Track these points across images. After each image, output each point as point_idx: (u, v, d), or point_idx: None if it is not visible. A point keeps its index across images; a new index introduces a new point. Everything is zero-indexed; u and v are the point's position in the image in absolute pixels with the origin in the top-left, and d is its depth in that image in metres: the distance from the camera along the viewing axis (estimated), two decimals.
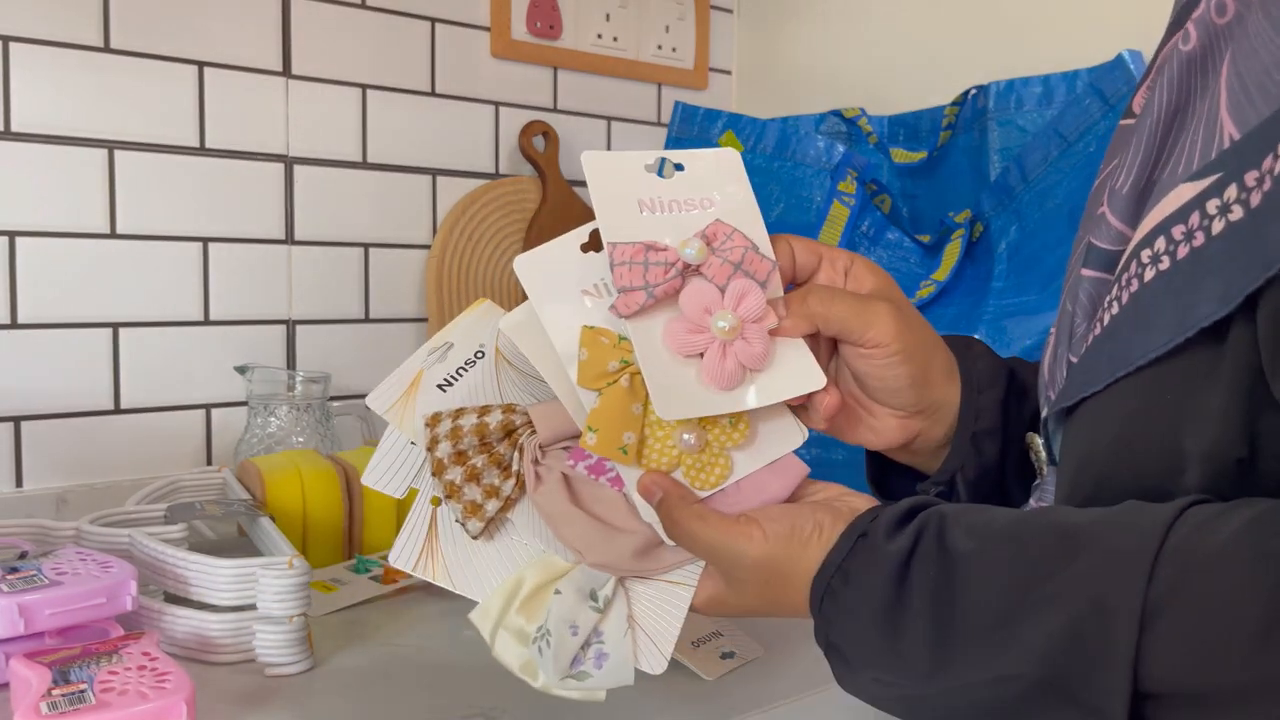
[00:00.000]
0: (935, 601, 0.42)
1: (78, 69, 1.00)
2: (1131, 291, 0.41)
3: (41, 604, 0.60)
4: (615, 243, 0.49)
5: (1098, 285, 0.46)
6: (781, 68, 1.48)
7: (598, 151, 0.52)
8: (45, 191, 0.99)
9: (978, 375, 0.58)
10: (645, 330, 0.49)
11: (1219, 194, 0.37)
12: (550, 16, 1.32)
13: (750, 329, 0.49)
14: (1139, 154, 0.44)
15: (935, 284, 1.02)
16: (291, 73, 1.13)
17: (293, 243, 1.14)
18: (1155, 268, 0.40)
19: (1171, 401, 0.39)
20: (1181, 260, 0.38)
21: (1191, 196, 0.38)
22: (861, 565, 0.46)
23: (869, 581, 0.45)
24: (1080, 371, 0.45)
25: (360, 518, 0.89)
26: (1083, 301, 0.47)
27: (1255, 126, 0.36)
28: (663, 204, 0.51)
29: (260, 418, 1.03)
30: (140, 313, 1.05)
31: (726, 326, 0.48)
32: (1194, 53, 0.42)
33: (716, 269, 0.49)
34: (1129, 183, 0.44)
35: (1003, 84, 1.04)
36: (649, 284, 0.48)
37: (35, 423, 1.00)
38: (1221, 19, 0.41)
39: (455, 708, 0.60)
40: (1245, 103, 0.37)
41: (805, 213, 1.12)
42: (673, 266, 0.49)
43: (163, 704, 0.52)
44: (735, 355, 0.49)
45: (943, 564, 0.43)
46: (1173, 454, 0.40)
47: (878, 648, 0.45)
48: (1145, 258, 0.40)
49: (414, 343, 1.24)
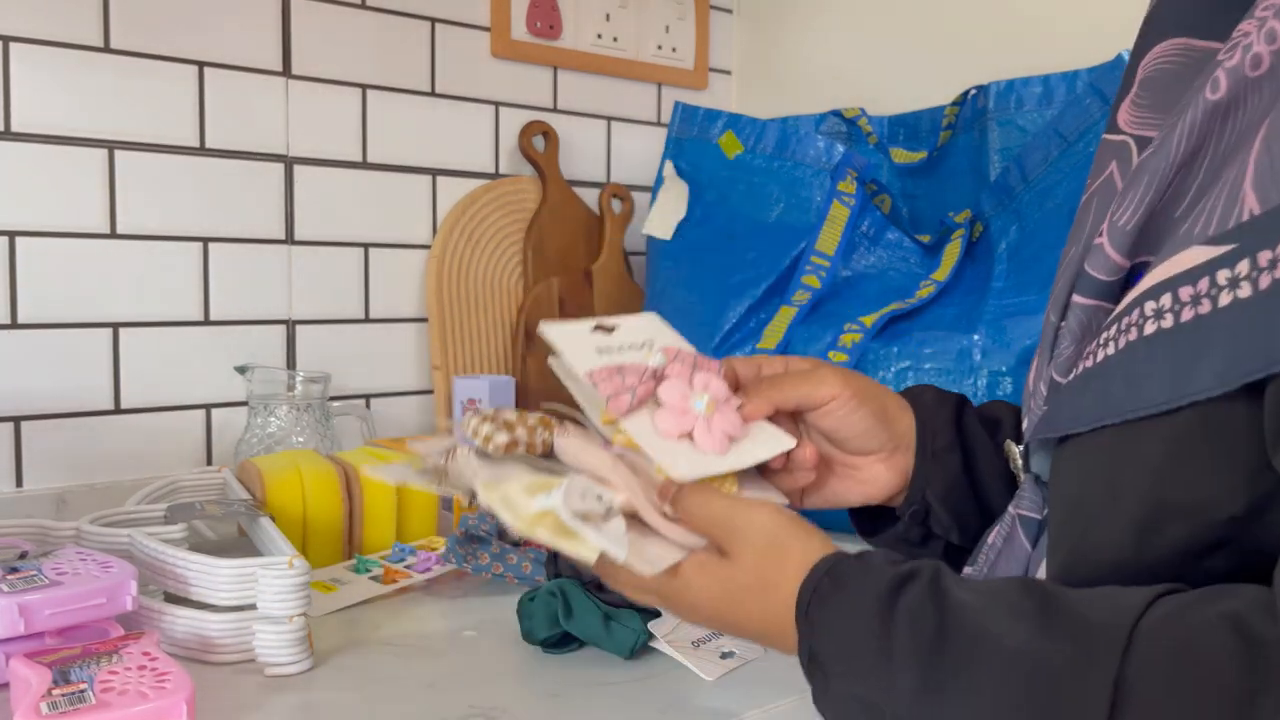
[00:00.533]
0: (927, 630, 0.43)
1: (78, 69, 1.00)
2: (1130, 339, 0.42)
3: (41, 604, 0.60)
4: (592, 370, 0.57)
5: (1091, 313, 0.46)
6: (781, 68, 1.48)
7: (551, 322, 0.60)
8: (45, 191, 0.99)
9: (925, 402, 0.64)
10: (637, 422, 0.56)
11: (1231, 265, 0.38)
12: (550, 16, 1.32)
13: (722, 407, 0.57)
14: (1148, 193, 0.44)
15: (935, 284, 1.02)
16: (292, 73, 1.13)
17: (293, 243, 1.14)
18: (1158, 323, 0.40)
19: (1159, 455, 0.40)
20: (1185, 323, 0.39)
21: (1203, 261, 0.39)
22: (855, 573, 0.47)
23: (861, 591, 0.46)
24: (1067, 403, 0.46)
25: (360, 518, 0.89)
26: (1073, 327, 0.47)
27: (1276, 207, 0.37)
28: (614, 352, 0.59)
29: (260, 418, 1.03)
30: (140, 313, 1.05)
31: (704, 404, 0.57)
32: (1222, 102, 0.42)
33: (679, 370, 0.58)
34: (1134, 220, 0.44)
35: (1003, 84, 1.05)
36: (630, 388, 0.56)
37: (35, 423, 1.00)
38: (1255, 72, 0.41)
39: (455, 708, 0.60)
40: (1270, 180, 0.37)
41: (805, 213, 1.12)
42: (644, 374, 0.57)
43: (163, 704, 0.52)
44: (718, 427, 0.56)
45: (937, 602, 0.43)
46: (1158, 505, 0.41)
47: (864, 659, 0.44)
48: (1149, 310, 0.41)
49: (414, 343, 1.24)
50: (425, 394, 1.26)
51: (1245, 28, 0.43)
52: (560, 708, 0.61)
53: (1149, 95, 0.50)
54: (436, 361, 1.22)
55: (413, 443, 0.60)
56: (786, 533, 0.50)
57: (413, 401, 1.25)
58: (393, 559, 0.86)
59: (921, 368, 0.97)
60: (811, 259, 1.08)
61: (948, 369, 0.96)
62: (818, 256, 1.08)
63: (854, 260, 1.10)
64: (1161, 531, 0.41)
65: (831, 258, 1.08)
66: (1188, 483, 0.40)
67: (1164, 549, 0.41)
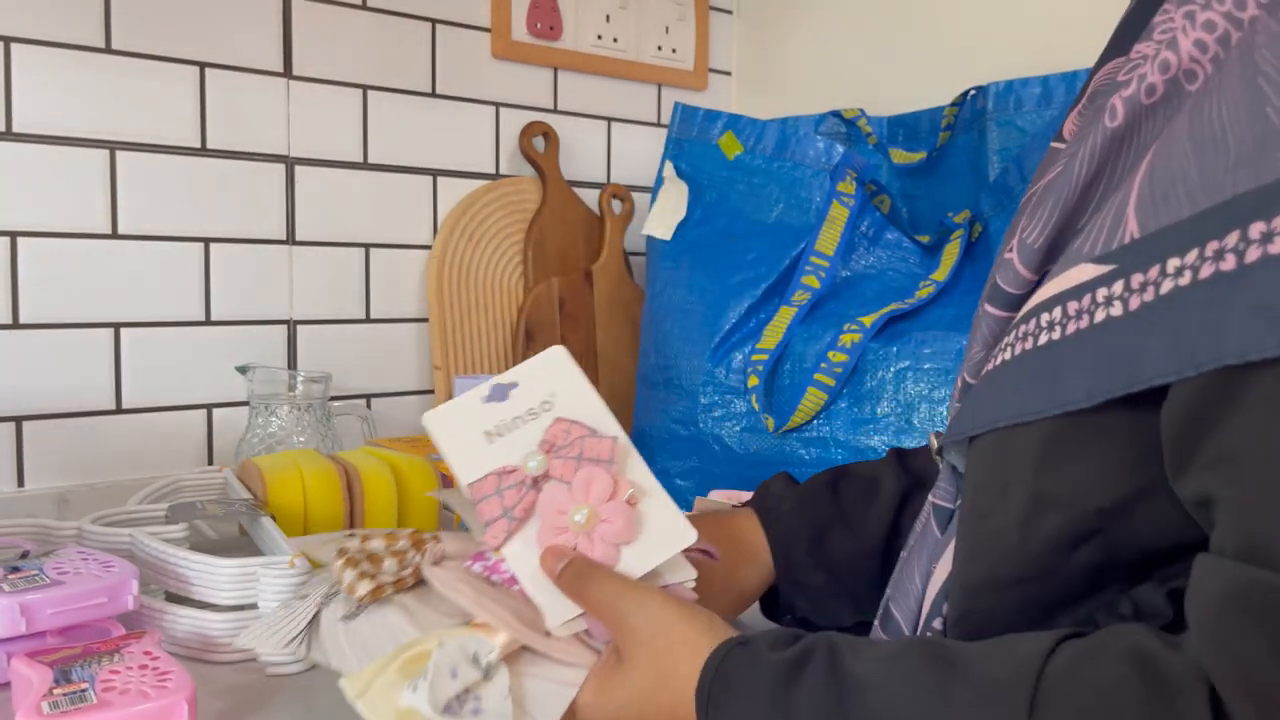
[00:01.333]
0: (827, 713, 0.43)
1: (79, 69, 1.00)
2: (1025, 348, 0.44)
3: (43, 603, 0.60)
4: (471, 483, 0.54)
5: (1000, 322, 0.49)
6: (781, 68, 1.48)
7: (434, 410, 0.57)
8: (47, 192, 0.99)
9: (780, 517, 0.69)
10: (517, 555, 0.54)
11: (1109, 285, 0.40)
12: (550, 17, 1.32)
13: (605, 509, 0.53)
14: (1054, 214, 0.46)
15: (934, 284, 1.02)
16: (293, 73, 1.13)
17: (294, 243, 1.15)
18: (1049, 335, 0.43)
19: (1038, 451, 0.43)
20: (1069, 336, 0.41)
21: (1088, 278, 0.41)
22: (744, 669, 0.47)
23: (752, 692, 0.46)
24: (969, 406, 0.49)
25: (361, 517, 0.89)
26: (985, 334, 0.50)
27: (1151, 234, 0.38)
28: (507, 425, 0.56)
29: (261, 417, 1.03)
30: (142, 313, 1.05)
31: (583, 519, 0.52)
32: (1120, 129, 0.44)
33: (562, 468, 0.54)
34: (1041, 239, 0.46)
35: (1002, 85, 1.05)
36: (507, 509, 0.53)
37: (37, 422, 1.00)
38: (1150, 99, 0.43)
39: None
40: (1150, 207, 0.39)
41: (804, 213, 1.13)
42: (523, 484, 0.54)
43: (164, 703, 0.52)
44: (601, 538, 0.52)
45: (834, 685, 0.44)
46: (1036, 496, 0.43)
47: None
48: (1044, 321, 0.43)
49: (415, 343, 1.25)
50: (426, 394, 1.26)
51: (1143, 49, 0.44)
52: None
53: (1092, 109, 0.52)
54: (437, 361, 1.22)
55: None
56: (672, 618, 0.50)
57: (413, 401, 1.25)
58: None
59: (920, 368, 0.97)
60: (811, 259, 1.08)
61: (947, 369, 0.96)
62: (817, 257, 1.08)
63: (853, 260, 1.10)
64: (1040, 520, 0.43)
65: (831, 258, 1.08)
66: (1061, 476, 0.42)
67: (1042, 537, 0.43)
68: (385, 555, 0.56)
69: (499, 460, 0.55)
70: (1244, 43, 0.38)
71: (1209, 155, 0.37)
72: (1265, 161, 0.34)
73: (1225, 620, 0.34)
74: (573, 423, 0.55)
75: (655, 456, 1.12)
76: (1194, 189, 0.37)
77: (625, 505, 0.53)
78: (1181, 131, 0.39)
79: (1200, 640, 0.35)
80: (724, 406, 1.07)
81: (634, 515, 0.54)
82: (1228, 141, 0.36)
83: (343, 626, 0.55)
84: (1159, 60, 0.42)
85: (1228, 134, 0.36)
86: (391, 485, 0.90)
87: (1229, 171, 0.36)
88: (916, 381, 0.97)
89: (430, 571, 0.55)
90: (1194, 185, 0.37)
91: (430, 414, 0.56)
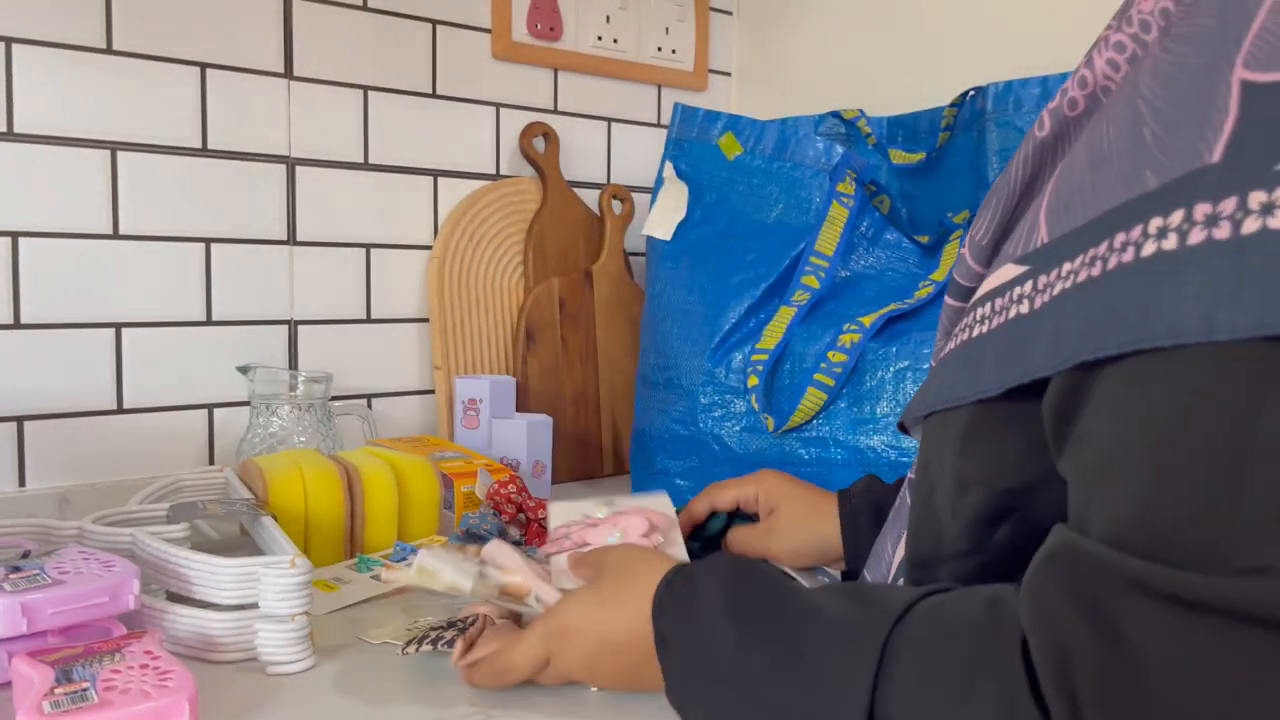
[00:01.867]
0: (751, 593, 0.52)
1: (80, 70, 1.00)
2: (964, 339, 0.48)
3: (44, 603, 0.60)
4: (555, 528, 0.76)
5: (955, 313, 0.52)
6: (780, 69, 1.48)
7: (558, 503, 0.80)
8: (48, 192, 0.99)
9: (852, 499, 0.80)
10: (558, 557, 0.71)
11: (1022, 284, 0.43)
12: (550, 18, 1.32)
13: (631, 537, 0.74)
14: (997, 214, 0.49)
15: (934, 284, 1.02)
16: (293, 74, 1.13)
17: (295, 243, 1.15)
18: (980, 328, 0.46)
19: (960, 435, 0.47)
20: (993, 330, 0.45)
21: (1010, 278, 0.45)
22: (700, 569, 0.56)
23: (703, 582, 0.55)
24: (923, 389, 0.53)
25: (362, 517, 0.89)
26: (944, 324, 0.54)
27: (1056, 239, 0.42)
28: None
29: (262, 417, 1.03)
30: (143, 313, 1.05)
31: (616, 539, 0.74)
32: (1048, 139, 0.47)
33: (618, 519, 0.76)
34: (988, 237, 0.50)
35: (1001, 85, 1.05)
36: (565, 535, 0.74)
37: (38, 422, 1.00)
38: (1072, 113, 0.46)
39: (455, 707, 0.61)
40: (1056, 213, 0.42)
41: (804, 213, 1.13)
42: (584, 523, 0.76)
43: (165, 702, 0.53)
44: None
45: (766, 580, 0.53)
46: (960, 476, 0.48)
47: (702, 630, 0.52)
48: (978, 315, 0.47)
49: (416, 343, 1.25)
50: (427, 394, 1.26)
51: (1079, 61, 0.48)
52: (560, 707, 0.61)
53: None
54: (438, 361, 1.22)
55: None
56: (641, 551, 0.64)
57: (414, 401, 1.25)
58: (394, 558, 0.87)
59: (920, 368, 0.97)
60: (811, 259, 1.08)
61: None
62: (817, 257, 1.08)
63: (853, 261, 1.10)
64: (964, 498, 0.47)
65: (830, 258, 1.08)
66: (977, 459, 0.46)
67: (967, 516, 0.47)
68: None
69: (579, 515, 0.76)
70: (1138, 64, 0.42)
71: (1100, 169, 0.40)
72: (1136, 177, 0.37)
73: (1038, 573, 0.39)
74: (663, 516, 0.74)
75: (655, 456, 1.12)
76: (1088, 199, 0.40)
77: (648, 540, 0.68)
78: (1082, 146, 0.42)
79: (1022, 592, 0.40)
80: (724, 406, 1.07)
81: (650, 545, 0.69)
82: (1113, 157, 0.39)
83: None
84: (1078, 76, 0.46)
85: (1113, 150, 0.39)
86: (392, 485, 0.90)
87: (1112, 185, 0.39)
88: (916, 381, 0.97)
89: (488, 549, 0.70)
90: (1088, 196, 0.40)
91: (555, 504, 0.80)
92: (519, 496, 0.90)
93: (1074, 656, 0.36)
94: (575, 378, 1.30)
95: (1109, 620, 0.35)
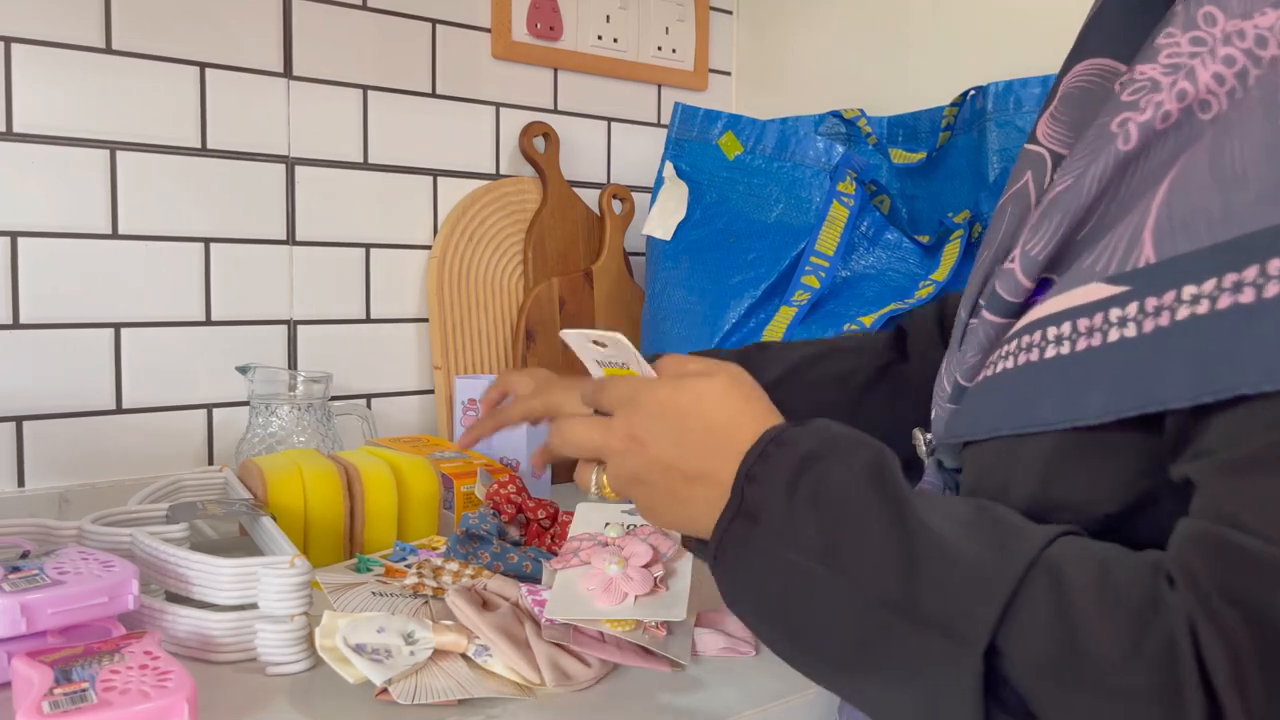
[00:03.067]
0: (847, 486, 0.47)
1: (80, 70, 1.00)
2: (1030, 359, 0.46)
3: (43, 603, 0.60)
4: (573, 535, 0.71)
5: (999, 329, 0.50)
6: (781, 68, 1.48)
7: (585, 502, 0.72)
8: (47, 192, 0.99)
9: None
10: (566, 572, 0.67)
11: (1122, 306, 0.41)
12: (550, 18, 1.32)
13: (630, 572, 0.66)
14: (1061, 228, 0.47)
15: (934, 284, 1.02)
16: (293, 74, 1.13)
17: (294, 243, 1.15)
18: (1056, 349, 0.44)
19: (1042, 461, 0.46)
20: (1080, 352, 0.43)
21: (1101, 298, 0.43)
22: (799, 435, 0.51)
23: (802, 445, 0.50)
24: (967, 410, 0.51)
25: (361, 517, 0.89)
26: (981, 339, 0.51)
27: (1168, 259, 0.40)
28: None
29: (262, 417, 1.03)
30: (142, 313, 1.05)
31: (616, 565, 0.66)
32: (1133, 153, 0.45)
33: (623, 542, 0.69)
34: (1045, 253, 0.48)
35: (1001, 85, 1.05)
36: (574, 550, 0.68)
37: (37, 422, 1.00)
38: (1163, 125, 0.45)
39: (456, 707, 0.61)
40: (1168, 233, 0.40)
41: (804, 213, 1.13)
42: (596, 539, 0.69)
43: (164, 703, 0.52)
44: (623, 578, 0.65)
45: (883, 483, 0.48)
46: (1044, 501, 0.46)
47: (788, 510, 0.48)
48: (1051, 334, 0.45)
49: (415, 343, 1.25)
50: (426, 394, 1.26)
51: (1148, 71, 0.46)
52: (560, 707, 0.61)
53: (1066, 112, 0.54)
54: (437, 361, 1.22)
55: None
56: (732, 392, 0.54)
57: (414, 401, 1.25)
58: (394, 558, 0.87)
59: None
60: (811, 259, 1.08)
61: None
62: (817, 257, 1.08)
63: (853, 260, 1.10)
64: (1047, 520, 0.45)
65: (831, 258, 1.08)
66: (1068, 484, 0.45)
67: None
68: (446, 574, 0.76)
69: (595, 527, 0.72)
70: (1265, 82, 0.40)
71: (1230, 190, 0.38)
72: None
73: (1194, 566, 0.37)
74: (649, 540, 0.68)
75: None
76: (1214, 221, 0.38)
77: (648, 571, 0.65)
78: (1201, 164, 0.40)
79: (1180, 576, 0.38)
80: None
81: (649, 577, 0.65)
82: (1249, 178, 0.38)
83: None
84: (1176, 89, 0.44)
85: (1249, 171, 0.38)
86: (392, 485, 0.90)
87: (1249, 207, 0.37)
88: None
89: (450, 596, 0.67)
90: (1214, 218, 0.39)
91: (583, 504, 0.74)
92: (519, 497, 0.90)
93: (1243, 656, 0.35)
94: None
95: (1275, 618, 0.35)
